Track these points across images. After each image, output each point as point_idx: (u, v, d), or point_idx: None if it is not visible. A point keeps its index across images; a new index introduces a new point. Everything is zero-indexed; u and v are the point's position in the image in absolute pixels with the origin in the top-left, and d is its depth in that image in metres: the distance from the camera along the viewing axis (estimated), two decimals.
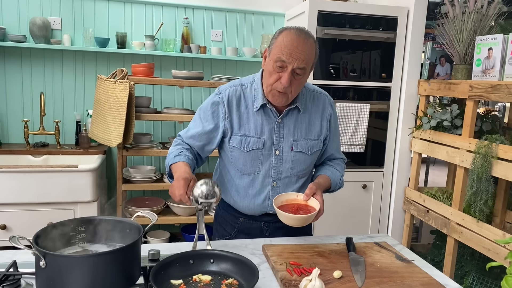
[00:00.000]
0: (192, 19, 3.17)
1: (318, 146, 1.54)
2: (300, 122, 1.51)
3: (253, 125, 1.47)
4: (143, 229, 1.14)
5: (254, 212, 1.55)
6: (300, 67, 1.35)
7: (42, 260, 0.94)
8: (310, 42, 1.37)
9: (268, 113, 1.48)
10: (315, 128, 1.53)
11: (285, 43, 1.34)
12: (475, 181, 2.18)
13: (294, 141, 1.49)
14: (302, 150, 1.50)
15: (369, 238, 1.56)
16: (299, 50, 1.33)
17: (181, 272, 1.14)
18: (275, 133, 1.48)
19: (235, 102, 1.48)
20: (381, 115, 2.91)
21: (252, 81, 1.52)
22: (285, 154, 1.49)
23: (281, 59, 1.34)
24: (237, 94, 1.49)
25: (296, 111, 1.50)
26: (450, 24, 2.51)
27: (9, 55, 2.94)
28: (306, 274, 1.19)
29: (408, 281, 1.20)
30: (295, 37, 1.34)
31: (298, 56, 1.34)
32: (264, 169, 1.50)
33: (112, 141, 2.61)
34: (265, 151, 1.48)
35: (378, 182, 2.97)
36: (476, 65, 2.32)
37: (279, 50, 1.34)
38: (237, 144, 1.47)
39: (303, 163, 1.52)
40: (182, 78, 2.82)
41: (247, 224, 1.59)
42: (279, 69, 1.36)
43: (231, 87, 1.50)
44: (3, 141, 2.97)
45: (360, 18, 2.76)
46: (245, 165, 1.50)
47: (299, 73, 1.36)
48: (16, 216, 2.54)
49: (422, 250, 3.06)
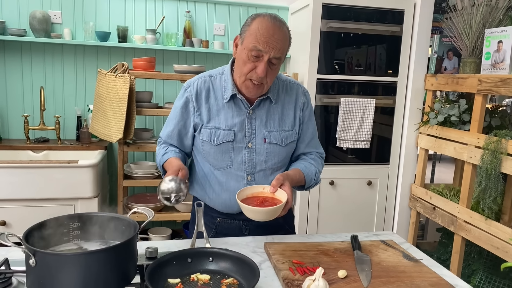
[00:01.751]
0: (194, 12, 3.12)
1: (292, 137, 1.49)
2: (272, 113, 1.46)
3: (223, 117, 1.42)
4: (139, 226, 1.10)
5: (232, 209, 1.49)
6: (277, 56, 1.30)
7: (32, 258, 0.90)
8: (284, 30, 1.32)
9: (238, 104, 1.43)
10: (289, 119, 1.48)
11: (261, 31, 1.28)
12: (483, 178, 2.12)
13: (267, 133, 1.44)
14: (276, 142, 1.45)
15: (375, 236, 1.51)
16: (275, 39, 1.28)
17: (178, 271, 1.09)
18: (247, 124, 1.43)
19: (204, 95, 1.44)
20: (386, 110, 2.85)
21: (222, 72, 1.47)
22: (258, 147, 1.44)
23: (257, 48, 1.28)
24: (206, 85, 1.45)
25: (268, 101, 1.45)
26: (458, 16, 2.45)
27: (9, 49, 2.90)
28: (310, 273, 1.15)
29: (416, 281, 1.15)
30: (270, 25, 1.28)
31: (274, 45, 1.28)
32: (237, 162, 1.44)
33: (113, 137, 2.57)
34: (236, 144, 1.43)
35: (383, 178, 2.92)
36: (485, 59, 2.25)
37: (254, 39, 1.28)
38: (207, 137, 1.43)
39: (277, 155, 1.46)
40: (184, 72, 2.77)
41: (225, 224, 1.53)
42: (254, 59, 1.30)
43: (199, 79, 1.46)
44: (3, 136, 2.93)
45: (365, 11, 2.70)
46: (216, 159, 1.45)
47: (274, 62, 1.31)
48: (15, 212, 2.51)
49: (428, 248, 3.00)
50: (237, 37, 1.37)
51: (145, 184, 2.82)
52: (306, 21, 2.74)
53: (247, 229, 1.53)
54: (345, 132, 2.78)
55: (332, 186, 2.83)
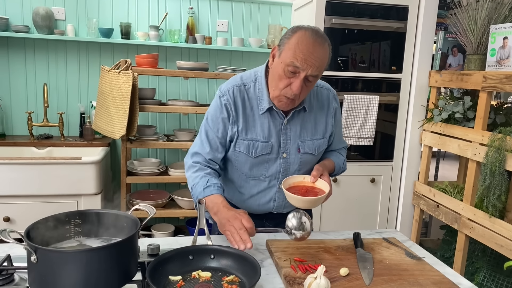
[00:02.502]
0: (197, 9, 3.11)
1: (324, 145, 1.49)
2: (306, 122, 1.44)
3: (259, 128, 1.39)
4: (141, 223, 1.09)
5: (257, 212, 1.50)
6: (314, 74, 1.25)
7: (33, 255, 0.90)
8: (325, 47, 1.27)
9: (274, 115, 1.40)
10: (321, 127, 1.47)
11: (300, 48, 1.22)
12: (488, 175, 2.10)
13: (301, 143, 1.43)
14: (309, 151, 1.44)
15: (377, 234, 1.50)
16: (315, 57, 1.23)
17: (180, 268, 1.08)
18: (282, 135, 1.41)
19: (240, 104, 1.38)
20: (390, 107, 2.84)
21: (255, 79, 1.41)
22: (292, 157, 1.43)
23: (295, 64, 1.23)
24: (241, 95, 1.39)
25: (302, 111, 1.43)
26: (463, 12, 2.43)
27: (13, 46, 2.90)
28: (311, 271, 1.14)
29: (418, 279, 1.14)
30: (311, 41, 1.23)
31: (313, 63, 1.23)
32: (271, 172, 1.43)
33: (116, 133, 2.58)
34: (272, 155, 1.41)
35: (387, 176, 2.91)
36: (490, 55, 2.23)
37: (293, 54, 1.23)
38: (245, 150, 1.39)
39: (310, 163, 1.46)
40: (187, 69, 2.77)
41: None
42: (290, 74, 1.25)
43: (234, 87, 1.39)
44: (7, 133, 2.94)
45: (369, 7, 2.68)
46: (251, 170, 1.43)
47: (311, 80, 1.27)
48: (19, 209, 2.52)
49: (431, 246, 2.99)
50: (275, 48, 1.32)
51: (148, 180, 2.82)
52: (309, 17, 2.72)
53: (270, 227, 1.52)
54: (348, 129, 2.77)
55: (335, 183, 2.82)
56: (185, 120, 3.21)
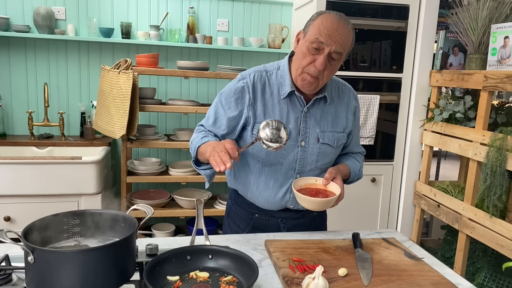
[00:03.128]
0: (198, 8, 3.10)
1: (343, 139, 1.48)
2: (326, 113, 1.43)
3: (278, 113, 1.39)
4: (139, 223, 1.09)
5: (274, 207, 1.47)
6: (338, 51, 1.27)
7: (31, 255, 0.90)
8: (349, 28, 1.30)
9: (294, 102, 1.40)
10: (341, 121, 1.46)
11: (325, 25, 1.26)
12: (488, 175, 2.10)
13: (320, 132, 1.42)
14: (329, 142, 1.43)
15: (377, 234, 1.50)
16: (339, 34, 1.26)
17: (177, 269, 1.08)
18: (302, 123, 1.40)
19: (260, 88, 1.39)
20: (391, 107, 2.83)
21: (277, 67, 1.42)
22: (311, 146, 1.42)
23: (319, 40, 1.26)
24: (262, 80, 1.40)
25: (323, 101, 1.42)
26: (464, 12, 2.42)
27: (13, 46, 2.91)
28: (310, 271, 1.14)
29: (417, 279, 1.14)
30: (335, 20, 1.27)
31: (337, 39, 1.26)
32: (288, 160, 1.42)
33: (116, 133, 2.58)
34: (290, 142, 1.40)
35: (387, 175, 2.90)
36: (491, 55, 2.22)
37: (317, 31, 1.26)
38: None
39: (328, 155, 1.45)
40: (187, 68, 2.77)
41: (263, 221, 1.51)
42: (314, 51, 1.28)
43: (256, 72, 1.41)
44: (7, 133, 2.95)
45: (370, 6, 2.68)
46: (268, 156, 1.41)
47: (334, 58, 1.29)
48: (20, 208, 2.52)
49: (432, 246, 2.98)
50: (300, 32, 1.35)
51: (149, 180, 2.82)
52: (310, 16, 2.71)
53: (285, 227, 1.52)
54: None
55: None
56: (185, 119, 3.21)
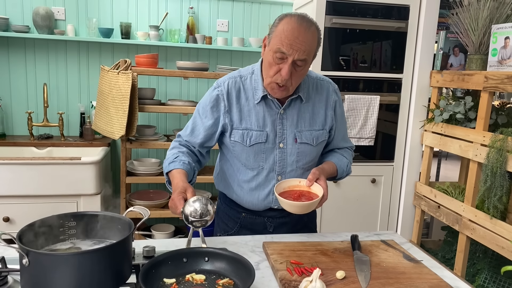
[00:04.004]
0: (197, 8, 3.10)
1: (323, 136, 1.47)
2: (303, 112, 1.43)
3: (254, 118, 1.40)
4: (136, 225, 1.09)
5: (258, 207, 1.49)
6: (301, 58, 1.27)
7: (25, 258, 0.89)
8: (312, 31, 1.28)
9: (269, 105, 1.41)
10: (319, 118, 1.46)
11: (286, 33, 1.25)
12: (489, 176, 2.09)
13: (298, 133, 1.42)
14: (307, 141, 1.43)
15: (375, 236, 1.49)
16: (300, 41, 1.25)
17: (173, 271, 1.07)
18: (278, 125, 1.41)
19: (234, 95, 1.41)
20: (391, 107, 2.82)
21: (252, 71, 1.44)
22: (289, 147, 1.42)
23: (281, 50, 1.25)
24: (237, 86, 1.41)
25: (299, 100, 1.43)
26: (464, 12, 2.41)
27: (13, 46, 2.90)
28: (307, 274, 1.13)
29: (416, 282, 1.13)
30: (296, 26, 1.25)
31: (299, 47, 1.25)
32: (269, 163, 1.43)
33: (115, 133, 2.57)
34: (268, 145, 1.41)
35: (387, 176, 2.89)
36: (491, 55, 2.21)
37: (279, 40, 1.25)
38: (239, 139, 1.40)
39: (308, 155, 1.45)
40: (187, 69, 2.76)
41: (250, 220, 1.53)
42: (279, 61, 1.28)
43: (230, 79, 1.43)
44: (7, 133, 2.94)
45: (370, 7, 2.67)
46: (248, 160, 1.43)
47: (300, 64, 1.28)
48: (19, 209, 2.52)
49: (432, 247, 2.97)
50: (266, 38, 1.34)
51: (148, 181, 2.82)
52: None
53: (271, 225, 1.52)
54: (349, 129, 2.75)
55: (335, 184, 2.81)
56: (185, 120, 3.20)
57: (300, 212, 1.29)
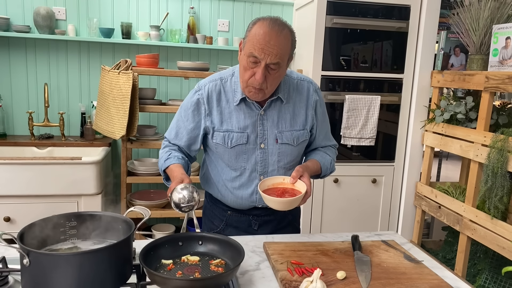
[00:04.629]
0: (198, 9, 3.10)
1: (304, 136, 1.48)
2: (284, 112, 1.45)
3: (235, 120, 1.42)
4: (136, 225, 1.09)
5: (242, 206, 1.51)
6: (274, 62, 1.27)
7: (26, 258, 0.89)
8: (284, 34, 1.28)
9: (250, 106, 1.42)
10: (300, 118, 1.47)
11: (257, 38, 1.26)
12: (490, 177, 2.08)
13: (278, 133, 1.44)
14: (288, 142, 1.45)
15: (376, 236, 1.49)
16: (272, 45, 1.26)
17: (170, 253, 1.15)
18: (259, 126, 1.43)
19: (215, 98, 1.43)
20: (392, 107, 2.82)
21: (232, 74, 1.45)
22: (271, 147, 1.44)
23: (253, 54, 1.27)
24: (217, 89, 1.43)
25: (279, 101, 1.44)
26: (465, 12, 2.40)
27: (14, 46, 2.90)
28: (308, 274, 1.13)
29: (416, 283, 1.13)
30: (267, 30, 1.26)
31: (270, 51, 1.26)
32: (251, 163, 1.45)
33: (116, 133, 2.57)
34: (249, 146, 1.43)
35: (388, 176, 2.89)
36: (492, 55, 2.21)
37: (251, 45, 1.27)
38: (221, 141, 1.43)
39: (289, 155, 1.47)
40: (188, 69, 2.76)
41: (235, 218, 1.55)
42: (252, 65, 1.29)
43: (210, 82, 1.45)
44: (8, 133, 2.94)
45: (371, 7, 2.66)
46: (230, 161, 1.46)
47: (273, 68, 1.29)
48: (20, 209, 2.52)
49: (433, 247, 2.97)
50: (241, 42, 1.36)
51: (149, 180, 2.82)
52: (310, 17, 2.71)
53: (256, 223, 1.54)
54: (349, 129, 2.75)
55: (336, 184, 2.81)
56: None
57: (284, 208, 1.31)
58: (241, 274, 1.18)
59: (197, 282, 1.01)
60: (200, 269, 1.10)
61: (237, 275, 1.16)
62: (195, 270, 1.09)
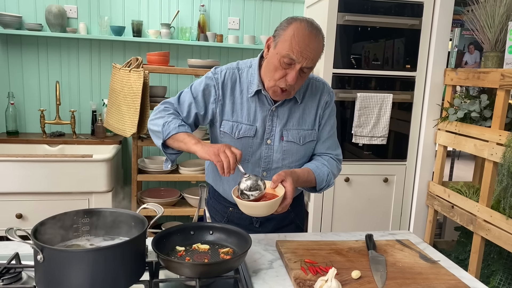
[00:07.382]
0: (208, 6, 3.09)
1: (311, 136, 1.46)
2: (294, 111, 1.43)
3: (246, 111, 1.41)
4: (149, 222, 1.08)
5: None
6: (309, 66, 1.27)
7: (40, 254, 0.89)
8: (320, 39, 1.28)
9: (262, 100, 1.41)
10: (309, 117, 1.45)
11: (296, 40, 1.23)
12: (505, 176, 2.04)
13: (285, 131, 1.42)
14: (293, 140, 1.43)
15: (390, 236, 1.46)
16: (310, 49, 1.24)
17: (182, 241, 1.21)
18: (268, 121, 1.42)
19: (230, 85, 1.41)
20: (404, 106, 2.78)
21: (250, 65, 1.44)
22: (276, 144, 1.43)
23: (290, 56, 1.24)
24: (233, 77, 1.42)
25: (293, 101, 1.43)
26: (480, 9, 2.36)
27: (26, 44, 2.92)
28: (322, 273, 1.12)
29: (433, 283, 1.11)
30: (306, 33, 1.24)
31: (308, 55, 1.25)
32: (255, 158, 1.44)
33: (127, 131, 2.58)
34: (256, 140, 1.42)
35: (400, 175, 2.86)
36: (508, 52, 2.17)
37: (289, 47, 1.24)
38: (228, 130, 1.41)
39: (294, 154, 1.44)
40: (198, 67, 2.75)
41: (236, 214, 1.53)
42: (286, 66, 1.27)
43: (228, 69, 1.43)
44: (20, 130, 2.97)
45: (383, 4, 2.63)
46: None
47: (306, 71, 1.29)
48: (31, 206, 2.54)
49: (445, 247, 2.93)
50: (270, 39, 1.33)
51: (159, 178, 2.82)
52: (322, 14, 2.68)
53: (257, 221, 1.53)
54: (361, 128, 2.72)
55: (347, 183, 2.78)
56: None
57: (257, 214, 1.22)
58: (254, 273, 1.16)
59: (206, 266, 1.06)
60: (209, 256, 1.16)
61: (250, 274, 1.15)
62: (204, 257, 1.15)
